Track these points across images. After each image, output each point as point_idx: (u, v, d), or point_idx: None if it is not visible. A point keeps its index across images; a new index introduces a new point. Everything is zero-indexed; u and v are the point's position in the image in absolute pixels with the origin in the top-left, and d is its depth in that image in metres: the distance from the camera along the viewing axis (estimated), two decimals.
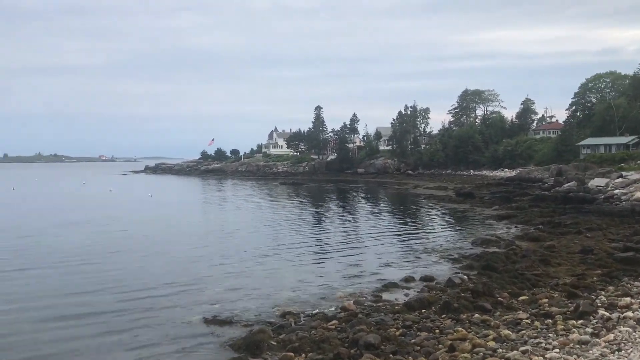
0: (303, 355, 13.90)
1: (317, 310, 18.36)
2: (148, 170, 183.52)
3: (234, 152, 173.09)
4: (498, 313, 16.76)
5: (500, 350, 13.15)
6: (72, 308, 19.03)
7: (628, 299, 16.65)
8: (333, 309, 18.55)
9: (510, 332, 14.39)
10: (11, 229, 39.55)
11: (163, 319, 17.63)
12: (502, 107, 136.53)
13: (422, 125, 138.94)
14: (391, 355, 13.49)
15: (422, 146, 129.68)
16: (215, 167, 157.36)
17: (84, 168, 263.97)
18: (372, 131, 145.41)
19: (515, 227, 38.15)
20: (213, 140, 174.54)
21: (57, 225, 41.13)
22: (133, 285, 22.12)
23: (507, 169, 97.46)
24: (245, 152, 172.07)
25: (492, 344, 13.64)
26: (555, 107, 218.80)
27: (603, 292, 18.30)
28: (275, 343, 15.04)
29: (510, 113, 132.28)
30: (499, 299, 18.28)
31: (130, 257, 28.38)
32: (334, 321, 16.78)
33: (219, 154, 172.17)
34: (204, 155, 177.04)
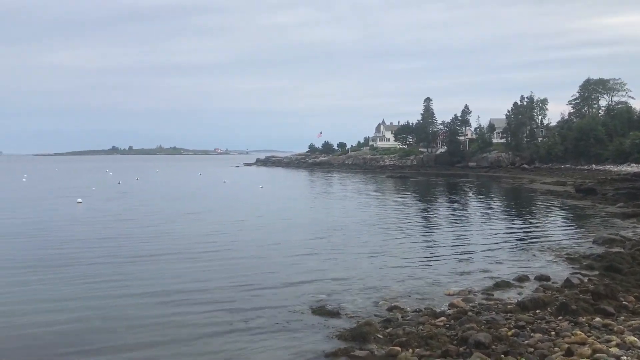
0: (410, 350, 13.74)
1: (424, 306, 18.09)
2: (259, 162, 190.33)
3: (341, 145, 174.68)
4: (622, 318, 15.56)
5: (625, 357, 12.20)
6: (188, 294, 20.11)
7: None
8: (441, 305, 18.19)
9: (636, 339, 13.29)
10: (136, 217, 42.72)
11: (273, 307, 18.15)
12: (629, 97, 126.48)
13: (539, 117, 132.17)
14: (502, 355, 12.97)
15: (539, 139, 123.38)
16: (323, 160, 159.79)
17: (200, 160, 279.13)
18: (484, 123, 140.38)
19: None
20: (321, 133, 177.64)
21: (179, 215, 43.71)
22: (246, 274, 22.97)
23: (634, 164, 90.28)
24: (352, 145, 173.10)
25: (615, 350, 12.67)
26: None
27: None
28: (381, 336, 15.01)
29: (639, 103, 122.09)
30: (624, 302, 16.97)
31: (245, 247, 29.52)
32: (442, 318, 16.44)
33: (327, 147, 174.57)
34: (312, 149, 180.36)
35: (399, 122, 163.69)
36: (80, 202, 54.26)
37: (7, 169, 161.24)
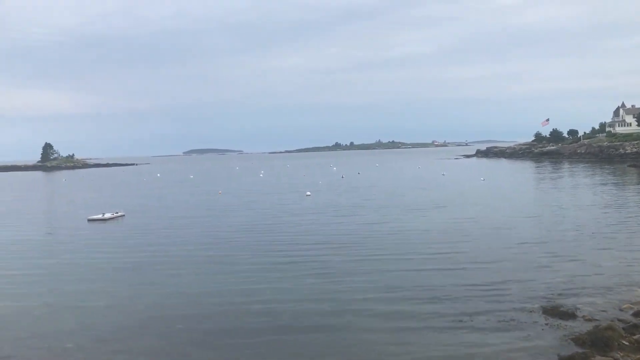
0: None
1: None
2: (479, 154, 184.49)
3: (572, 132, 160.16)
4: None
5: None
6: (413, 291, 20.38)
7: None
8: None
9: None
10: (363, 213, 44.52)
11: (501, 305, 17.47)
12: None
13: None
14: None
15: None
16: (551, 149, 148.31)
17: (418, 153, 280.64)
18: None
19: None
20: (548, 120, 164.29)
21: (405, 210, 44.26)
22: (473, 270, 22.51)
23: None
24: (584, 132, 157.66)
25: None
26: None
27: None
28: (627, 343, 13.43)
29: None
30: None
31: (468, 241, 28.95)
32: None
33: (555, 135, 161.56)
34: (538, 137, 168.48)
35: None
36: (309, 195, 58.74)
37: (248, 167, 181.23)
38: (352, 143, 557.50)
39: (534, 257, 24.33)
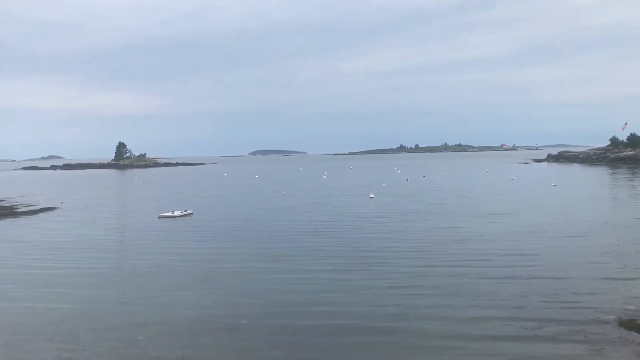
0: None
1: None
2: (550, 158, 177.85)
3: None
4: None
5: None
6: (484, 297, 19.89)
7: None
8: None
9: None
10: (429, 218, 43.88)
11: (574, 315, 16.77)
12: None
13: None
14: None
15: None
16: (628, 154, 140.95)
17: (486, 157, 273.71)
18: None
19: None
20: (626, 124, 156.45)
21: (476, 216, 43.06)
22: (544, 279, 21.74)
23: None
24: None
25: None
26: None
27: None
28: None
29: None
30: None
31: (540, 249, 28.01)
32: None
33: (633, 140, 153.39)
34: (614, 142, 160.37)
35: None
36: (373, 197, 58.48)
37: (311, 168, 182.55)
38: (417, 145, 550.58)
39: (609, 267, 23.19)
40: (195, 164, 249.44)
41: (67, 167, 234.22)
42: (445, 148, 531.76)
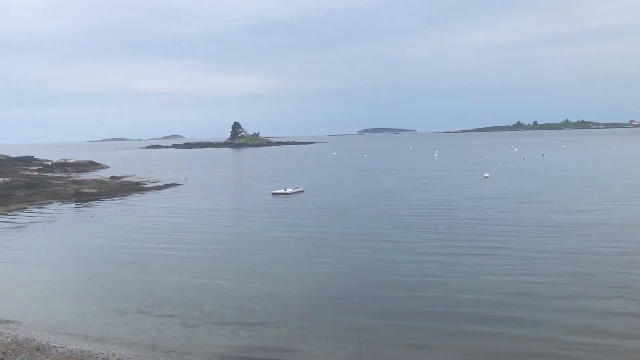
0: None
1: None
2: None
3: None
4: None
5: None
6: (596, 289, 18.53)
7: None
8: None
9: None
10: (551, 200, 41.49)
11: None
12: None
13: None
14: None
15: None
16: None
17: (612, 134, 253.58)
18: None
19: None
20: None
21: (599, 199, 39.60)
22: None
23: None
24: None
25: None
26: None
27: None
28: None
29: None
30: None
31: None
32: None
33: None
34: None
35: None
36: (487, 177, 56.31)
37: (421, 146, 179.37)
38: (535, 123, 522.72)
39: None
40: (305, 143, 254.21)
41: (187, 145, 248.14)
42: (566, 125, 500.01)
